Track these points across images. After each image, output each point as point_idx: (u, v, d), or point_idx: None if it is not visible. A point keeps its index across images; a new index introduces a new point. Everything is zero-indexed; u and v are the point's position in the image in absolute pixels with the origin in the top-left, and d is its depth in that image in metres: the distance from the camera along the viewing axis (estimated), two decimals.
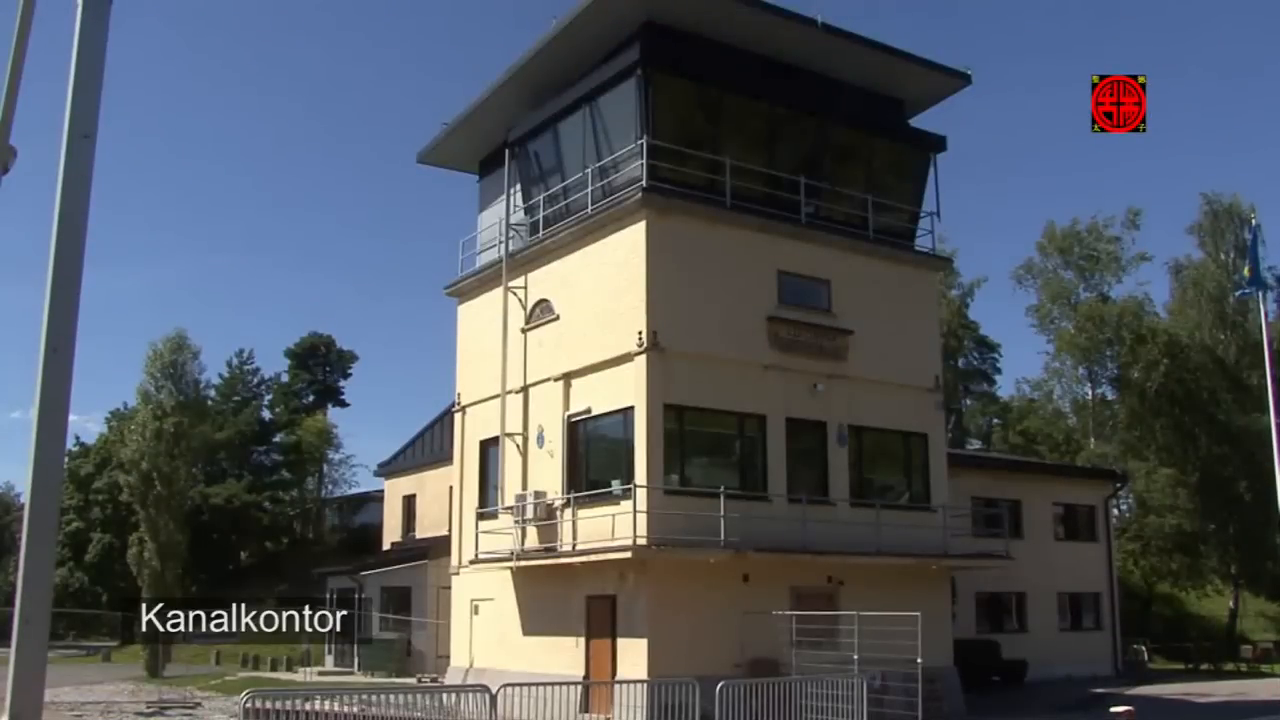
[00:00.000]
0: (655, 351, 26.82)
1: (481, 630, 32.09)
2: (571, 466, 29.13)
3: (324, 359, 77.50)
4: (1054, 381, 73.51)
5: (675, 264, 27.65)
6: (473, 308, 34.15)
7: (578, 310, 29.50)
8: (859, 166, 32.29)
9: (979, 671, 35.11)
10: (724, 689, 19.57)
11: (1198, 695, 34.62)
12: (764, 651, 26.08)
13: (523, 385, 31.02)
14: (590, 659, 27.47)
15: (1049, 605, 45.11)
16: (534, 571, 29.42)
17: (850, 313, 30.40)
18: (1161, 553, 59.20)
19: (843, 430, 29.93)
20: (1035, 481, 46.73)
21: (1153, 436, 62.32)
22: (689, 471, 27.74)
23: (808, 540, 27.76)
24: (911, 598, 26.33)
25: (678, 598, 26.18)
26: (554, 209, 30.99)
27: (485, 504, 32.42)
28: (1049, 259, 72.08)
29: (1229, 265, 66.76)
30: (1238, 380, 63.21)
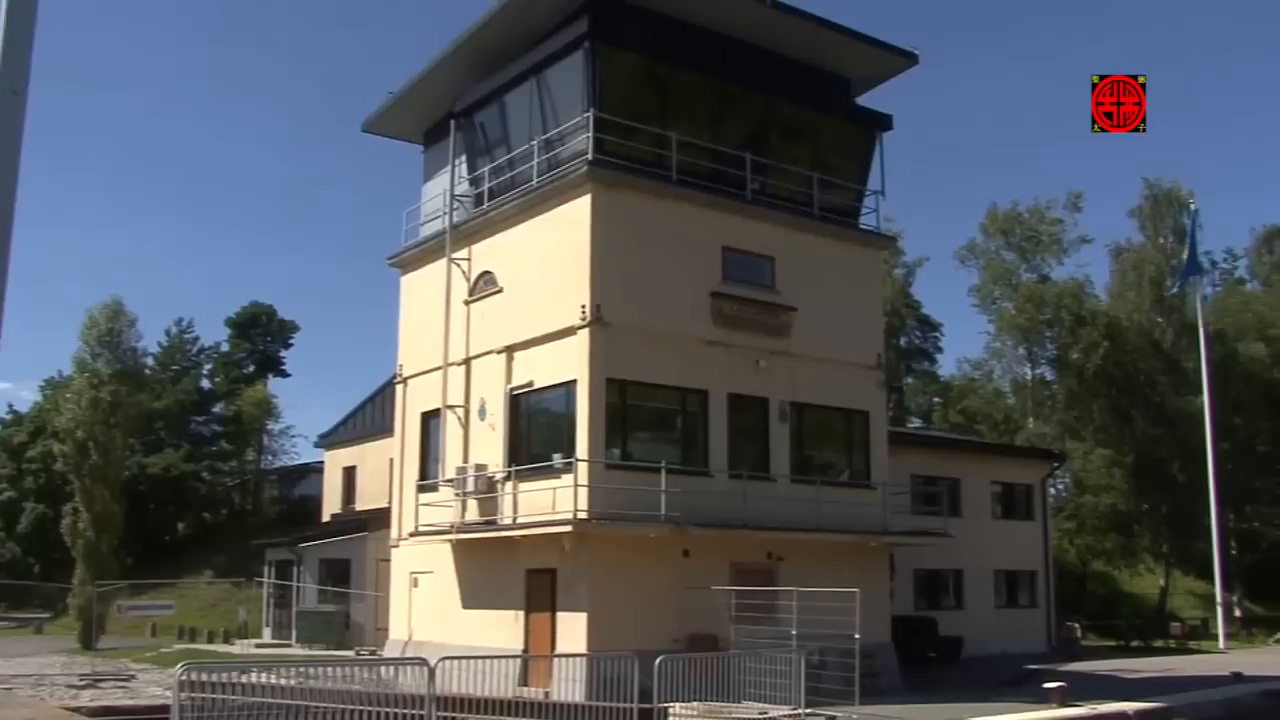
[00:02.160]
0: (598, 325, 26.75)
1: (420, 603, 31.99)
2: (513, 440, 29.04)
3: (265, 329, 76.86)
4: (994, 361, 74.34)
5: (620, 238, 27.57)
6: (416, 279, 33.94)
7: (521, 283, 29.38)
8: (805, 144, 32.33)
9: (916, 648, 35.42)
10: (663, 663, 19.60)
11: (1127, 672, 35.05)
12: (703, 626, 26.15)
13: (465, 357, 30.87)
14: (530, 632, 27.44)
15: (986, 583, 45.66)
16: (474, 544, 29.34)
17: (794, 290, 30.45)
18: (1096, 532, 59.90)
19: (784, 407, 30.02)
20: (974, 460, 47.22)
21: (1090, 417, 63.05)
22: (630, 446, 27.74)
23: (748, 516, 27.85)
24: (850, 574, 26.47)
25: (618, 572, 26.20)
26: (499, 181, 30.82)
27: (426, 476, 32.30)
28: (991, 240, 72.74)
29: (1168, 249, 67.64)
30: (1174, 363, 64.03)
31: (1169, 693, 27.64)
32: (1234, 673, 32.86)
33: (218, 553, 59.53)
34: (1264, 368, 65.61)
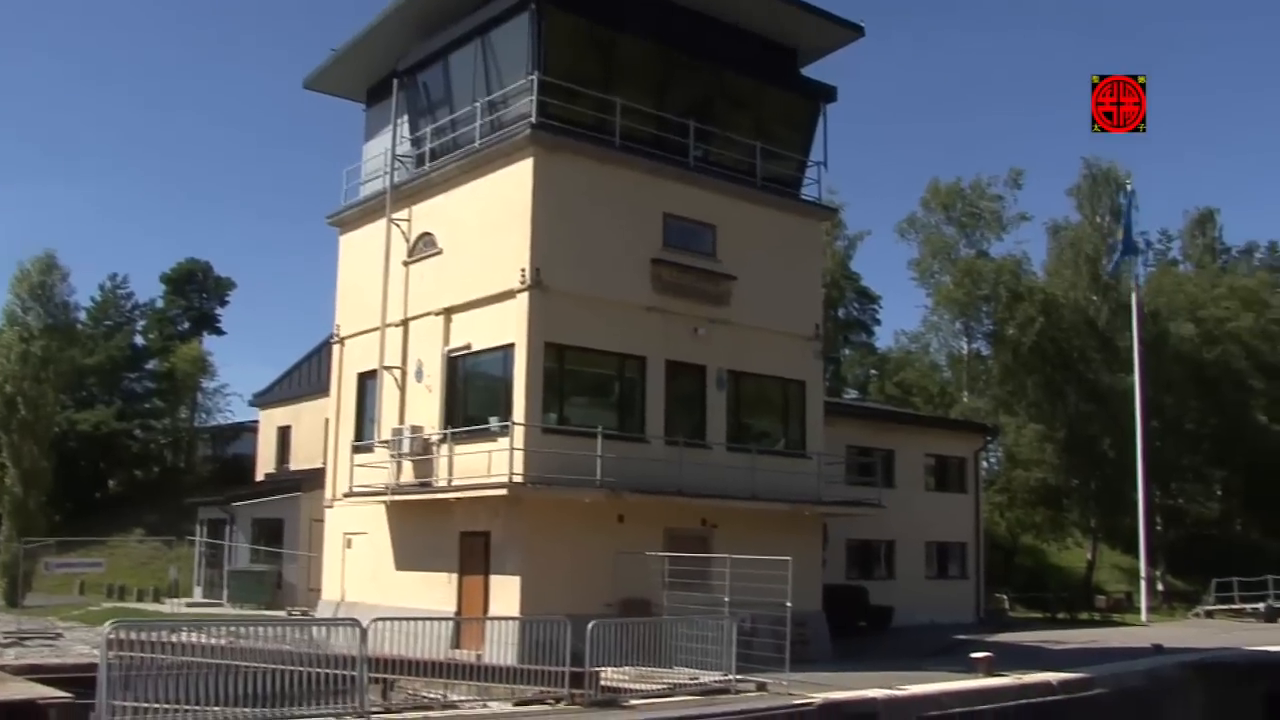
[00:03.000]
0: (538, 289, 26.69)
1: (354, 564, 31.88)
2: (450, 402, 28.98)
3: (201, 285, 75.99)
4: (931, 335, 75.01)
5: (561, 202, 27.49)
6: (355, 238, 33.69)
7: (461, 245, 29.23)
8: (749, 113, 32.30)
9: (846, 617, 35.75)
10: (595, 628, 19.64)
11: (1053, 643, 35.64)
12: (636, 592, 26.24)
13: (403, 319, 30.71)
14: (463, 595, 27.45)
15: (917, 554, 46.20)
16: (409, 506, 29.27)
17: (734, 258, 30.50)
18: (1027, 506, 60.73)
19: (722, 375, 30.11)
20: (909, 432, 47.68)
21: (1024, 393, 63.76)
22: (567, 411, 27.76)
23: (683, 483, 27.97)
24: (784, 543, 26.64)
25: (552, 536, 26.23)
26: (441, 142, 30.60)
27: (361, 437, 32.15)
28: (932, 214, 73.22)
29: (1104, 229, 68.43)
30: (1107, 341, 64.86)
31: (1092, 664, 28.16)
32: (1155, 645, 33.60)
33: (149, 511, 58.90)
34: (1194, 348, 66.62)
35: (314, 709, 16.46)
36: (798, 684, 21.11)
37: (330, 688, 17.08)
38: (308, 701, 16.63)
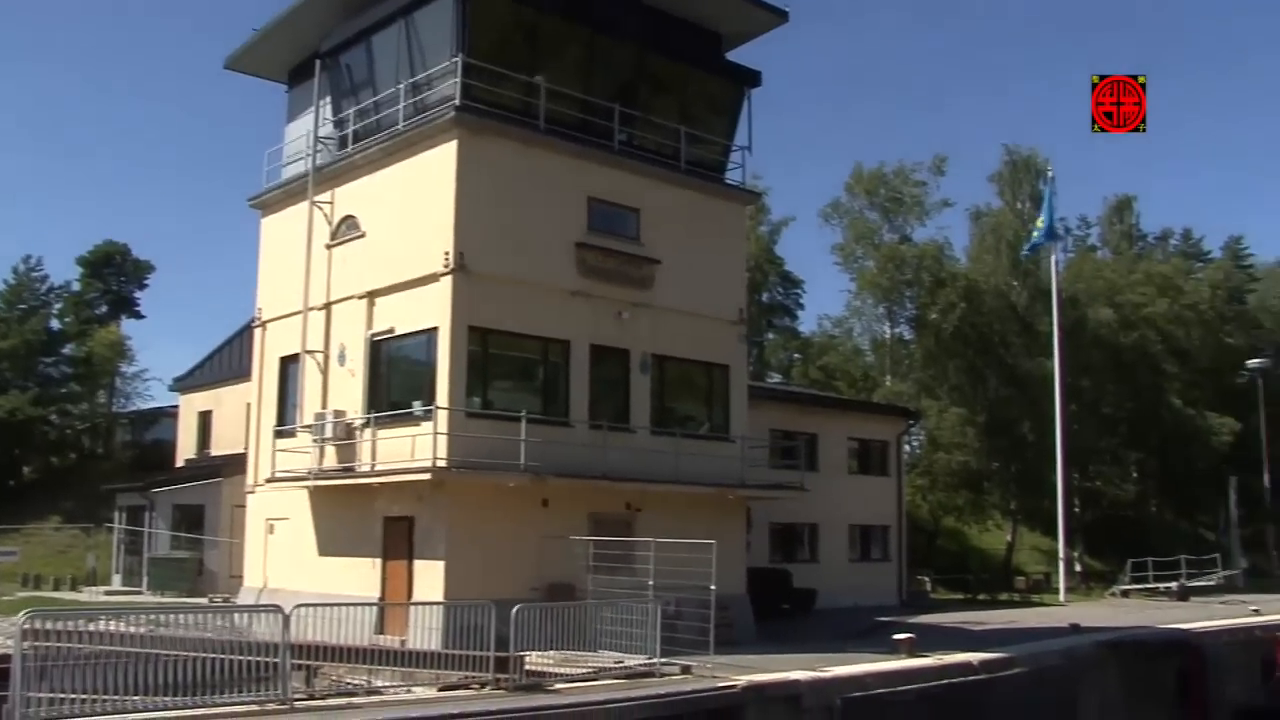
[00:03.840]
0: (461, 273, 26.58)
1: (276, 550, 31.64)
2: (373, 386, 28.83)
3: (119, 268, 74.72)
4: (854, 319, 75.47)
5: (485, 186, 27.38)
6: (277, 221, 33.34)
7: (384, 228, 29.04)
8: (674, 97, 32.32)
9: (770, 599, 36.01)
10: (520, 612, 19.62)
11: (974, 624, 36.12)
12: (561, 576, 26.27)
13: (325, 302, 30.46)
14: (386, 580, 27.35)
15: (840, 537, 46.58)
16: (332, 491, 29.07)
17: (658, 242, 30.55)
18: (948, 489, 61.29)
19: (646, 359, 30.17)
20: (832, 416, 48.01)
21: (945, 377, 64.33)
22: (491, 395, 27.71)
23: (607, 467, 28.02)
24: (708, 526, 26.82)
25: (476, 521, 26.18)
26: (364, 124, 30.35)
27: (284, 422, 31.86)
28: (855, 199, 73.49)
29: (1025, 215, 69.22)
30: (1028, 326, 65.68)
31: (1012, 643, 28.61)
32: (1072, 624, 34.19)
33: (66, 498, 57.92)
34: (1112, 332, 67.60)
35: (236, 697, 16.32)
36: (722, 666, 21.22)
37: (253, 675, 16.97)
38: (230, 689, 16.51)
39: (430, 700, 18.08)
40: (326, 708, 16.75)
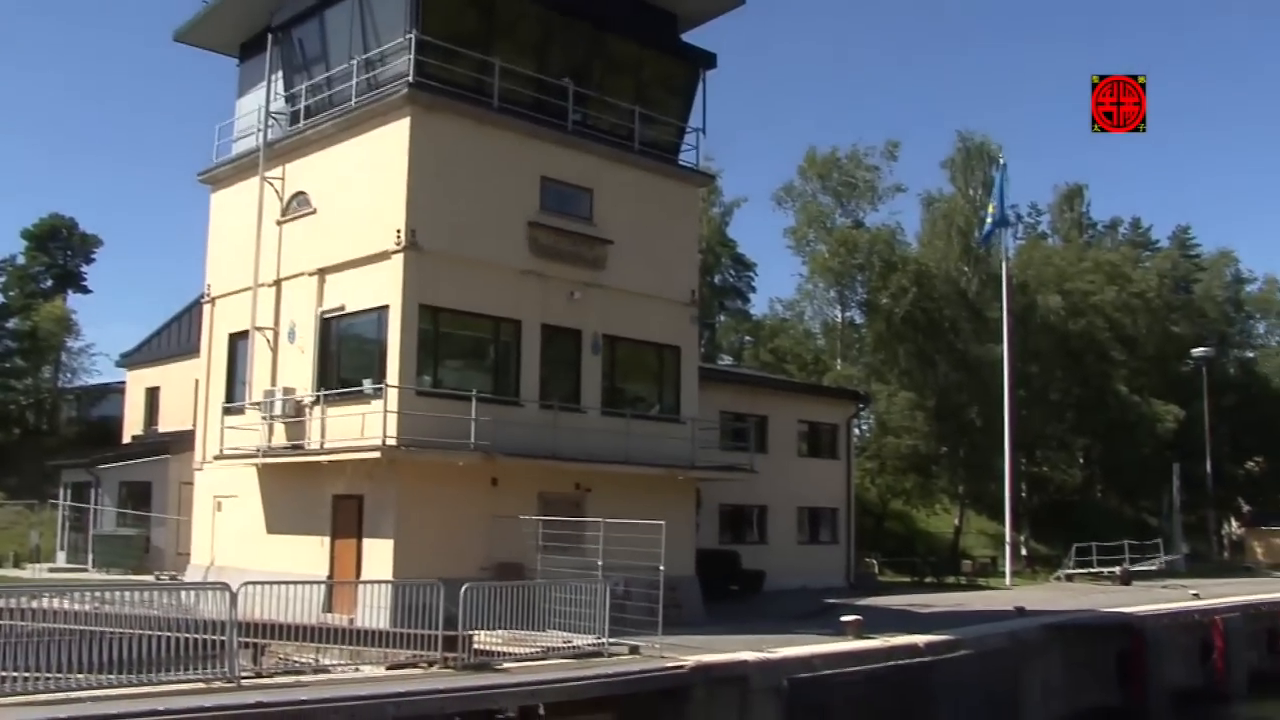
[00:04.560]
0: (413, 251, 26.48)
1: (224, 528, 31.47)
2: (323, 364, 28.67)
3: (65, 242, 73.85)
4: (806, 303, 75.66)
5: (438, 163, 27.26)
6: (227, 196, 33.06)
7: (336, 205, 28.85)
8: (628, 77, 32.25)
9: (719, 581, 36.14)
10: (469, 591, 19.59)
11: (921, 606, 36.40)
12: (510, 555, 26.27)
13: (276, 279, 30.25)
14: (335, 559, 27.27)
15: (789, 519, 46.79)
16: (281, 469, 28.93)
17: (611, 223, 30.53)
18: (897, 472, 61.70)
19: (597, 339, 30.18)
20: (782, 399, 48.18)
21: (896, 361, 64.66)
22: (442, 374, 27.64)
23: (558, 447, 28.03)
24: (657, 507, 26.82)
25: (426, 499, 26.14)
26: (316, 99, 30.13)
27: (233, 399, 31.64)
28: (809, 183, 73.56)
29: (977, 201, 69.61)
30: (978, 312, 66.12)
31: (958, 626, 28.88)
32: (1018, 607, 34.53)
33: (10, 474, 57.31)
34: (1060, 319, 68.19)
35: (183, 675, 16.22)
36: (670, 647, 21.27)
37: (200, 653, 16.86)
38: (176, 667, 16.40)
39: (378, 679, 18.04)
40: (274, 685, 16.67)
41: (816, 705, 21.69)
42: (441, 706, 16.93)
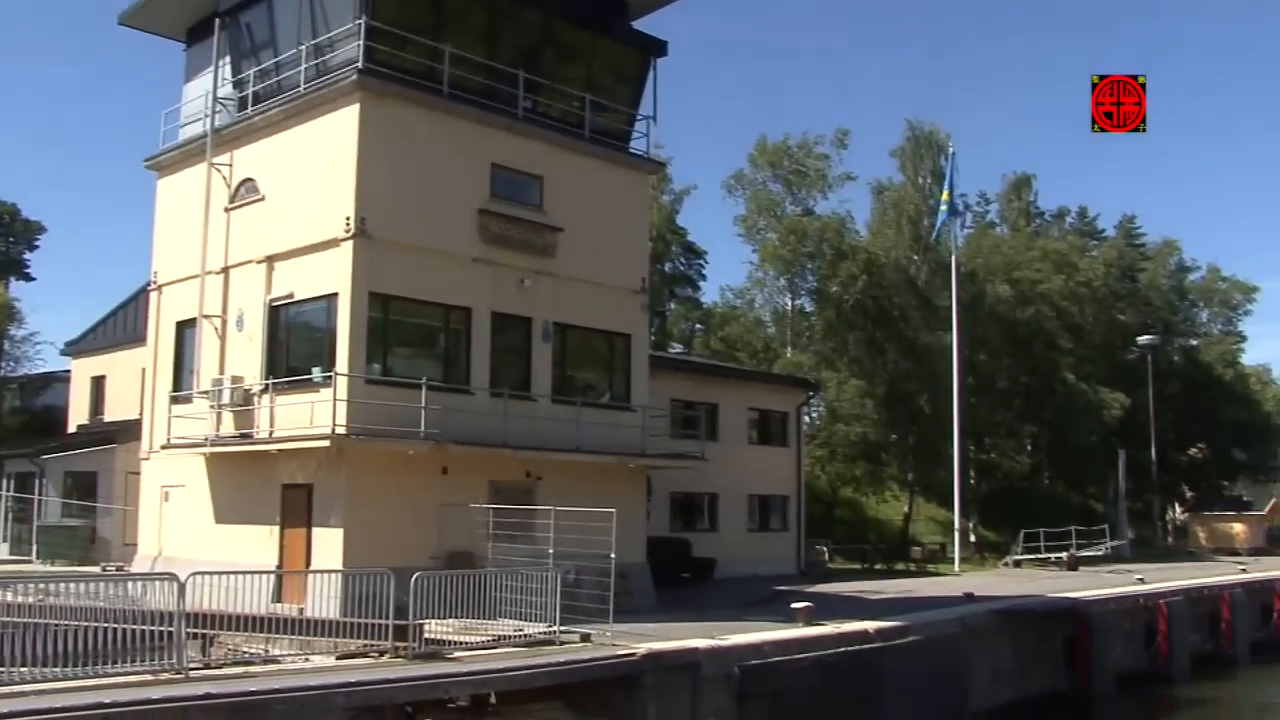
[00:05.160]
0: (363, 238, 26.33)
1: (172, 518, 31.17)
2: (272, 352, 28.46)
3: (7, 229, 73.00)
4: (756, 291, 75.74)
5: (387, 150, 27.11)
6: (174, 182, 32.71)
7: (285, 192, 28.63)
8: (579, 65, 32.14)
9: (670, 568, 36.20)
10: (419, 580, 19.55)
11: (871, 593, 36.62)
12: (461, 544, 26.23)
13: (224, 266, 30.00)
14: (285, 548, 27.08)
15: (739, 506, 46.88)
16: (229, 458, 28.71)
17: (561, 210, 30.47)
18: (847, 460, 61.93)
19: (548, 327, 30.12)
20: (732, 387, 48.24)
21: (845, 349, 64.88)
22: (392, 362, 27.52)
23: (508, 435, 27.98)
24: (608, 495, 26.86)
25: (376, 488, 26.02)
26: (265, 85, 29.88)
27: (180, 388, 31.37)
28: (759, 171, 73.75)
29: (926, 190, 69.99)
30: (927, 300, 66.48)
31: (907, 612, 29.08)
32: (966, 593, 34.83)
33: None
34: (1009, 308, 68.68)
35: (130, 667, 16.08)
36: (622, 635, 21.30)
37: (147, 644, 16.72)
38: (124, 659, 16.25)
39: (328, 669, 17.98)
40: (223, 677, 16.56)
41: (767, 692, 21.80)
42: (392, 696, 16.90)
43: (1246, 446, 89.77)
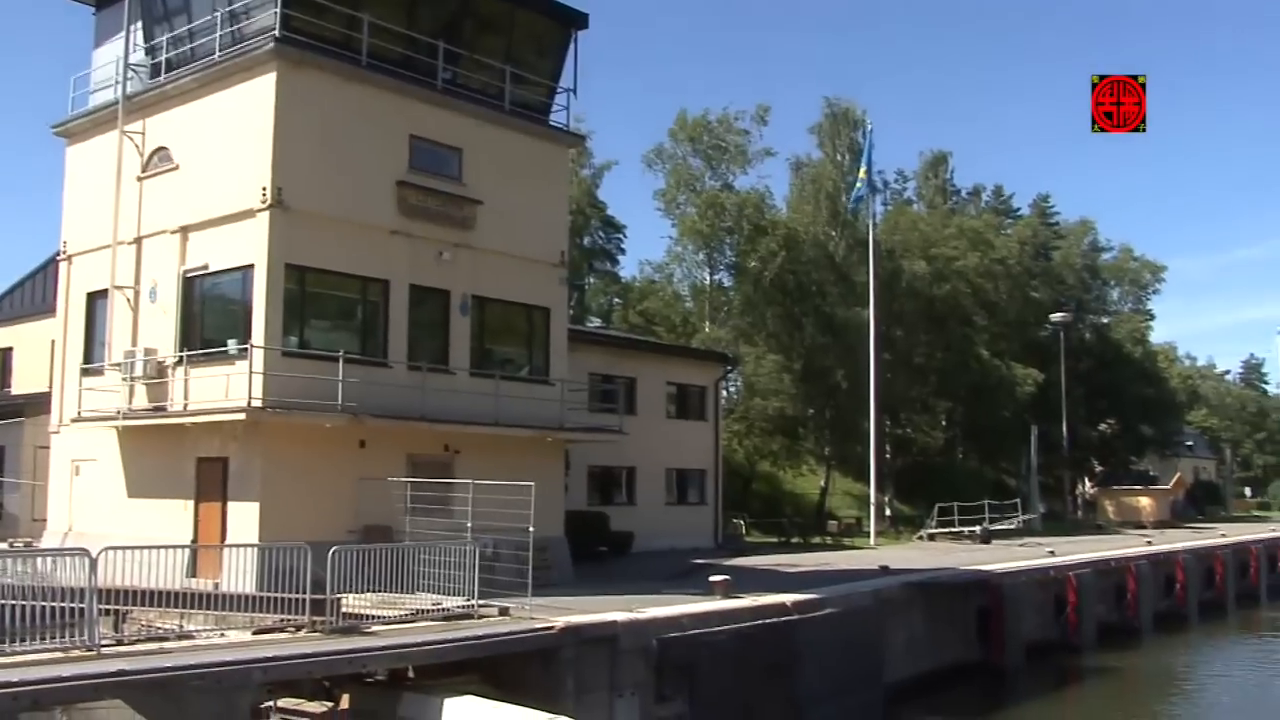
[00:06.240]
0: (279, 209, 25.99)
1: (83, 492, 30.66)
2: (186, 324, 28.04)
3: None
4: (675, 265, 75.70)
5: (305, 120, 26.76)
6: (84, 150, 32.05)
7: (199, 161, 28.17)
8: (500, 36, 31.90)
9: (588, 542, 36.30)
10: (336, 554, 19.41)
11: (788, 566, 36.95)
12: (379, 518, 26.07)
13: (136, 236, 29.47)
14: (199, 523, 26.77)
15: (657, 480, 47.10)
16: (142, 432, 28.30)
17: (481, 183, 30.29)
18: (764, 434, 62.35)
19: (466, 300, 29.96)
20: (651, 361, 48.36)
21: (764, 324, 65.12)
22: (309, 334, 27.20)
23: (426, 408, 27.81)
24: (527, 468, 26.79)
25: (292, 462, 25.78)
26: (179, 52, 29.36)
27: (91, 360, 30.80)
28: (679, 146, 73.70)
29: (844, 166, 70.36)
30: (845, 276, 66.88)
31: (824, 585, 29.39)
32: (882, 566, 35.31)
33: None
34: (925, 284, 69.29)
35: (40, 644, 15.81)
36: (540, 608, 21.31)
37: (58, 622, 16.43)
38: (33, 637, 15.97)
39: (244, 644, 17.80)
40: (136, 653, 16.37)
41: (685, 664, 21.96)
42: (309, 670, 16.82)
43: (1153, 422, 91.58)
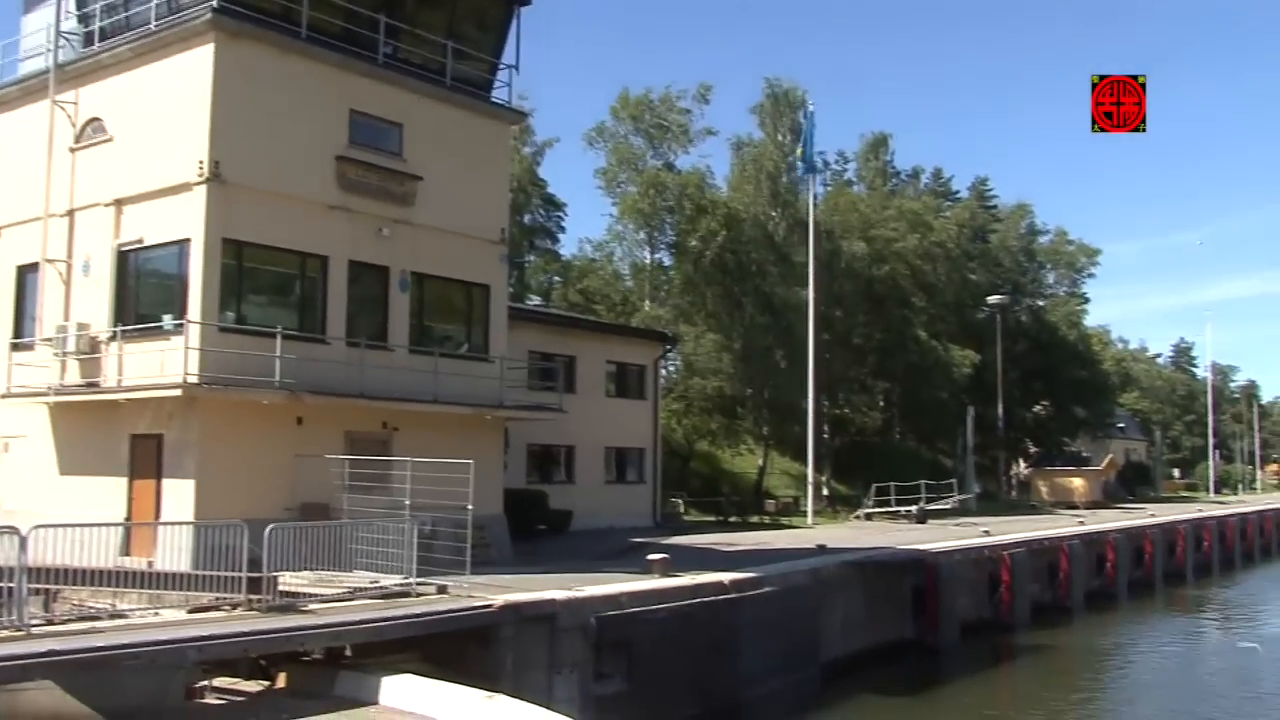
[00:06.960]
0: (216, 183, 25.65)
1: (13, 470, 30.13)
2: (120, 298, 27.60)
3: None
4: (615, 244, 75.50)
5: (243, 93, 26.39)
6: (12, 120, 31.40)
7: (134, 133, 27.73)
8: (442, 11, 31.60)
9: (527, 520, 36.28)
10: (273, 531, 19.27)
11: (726, 545, 37.11)
12: (316, 495, 25.85)
13: (68, 209, 28.95)
14: (133, 500, 26.44)
15: (596, 459, 47.15)
16: (74, 408, 27.87)
17: (421, 159, 30.06)
18: (703, 413, 62.46)
19: (405, 276, 29.75)
20: (590, 339, 48.32)
21: (703, 303, 65.13)
22: (246, 310, 26.88)
23: (364, 385, 27.64)
24: (465, 446, 26.74)
25: (228, 439, 25.49)
26: (113, 20, 28.88)
27: (21, 335, 30.28)
28: (621, 124, 73.55)
29: (785, 147, 70.45)
30: (785, 256, 66.99)
31: (762, 563, 29.53)
32: (819, 545, 35.50)
33: None
34: (864, 265, 69.70)
35: None
36: (479, 586, 21.27)
37: None
38: None
39: (179, 622, 17.64)
40: (68, 633, 16.17)
41: (623, 642, 22.02)
42: (245, 649, 16.68)
43: (1087, 404, 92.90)
